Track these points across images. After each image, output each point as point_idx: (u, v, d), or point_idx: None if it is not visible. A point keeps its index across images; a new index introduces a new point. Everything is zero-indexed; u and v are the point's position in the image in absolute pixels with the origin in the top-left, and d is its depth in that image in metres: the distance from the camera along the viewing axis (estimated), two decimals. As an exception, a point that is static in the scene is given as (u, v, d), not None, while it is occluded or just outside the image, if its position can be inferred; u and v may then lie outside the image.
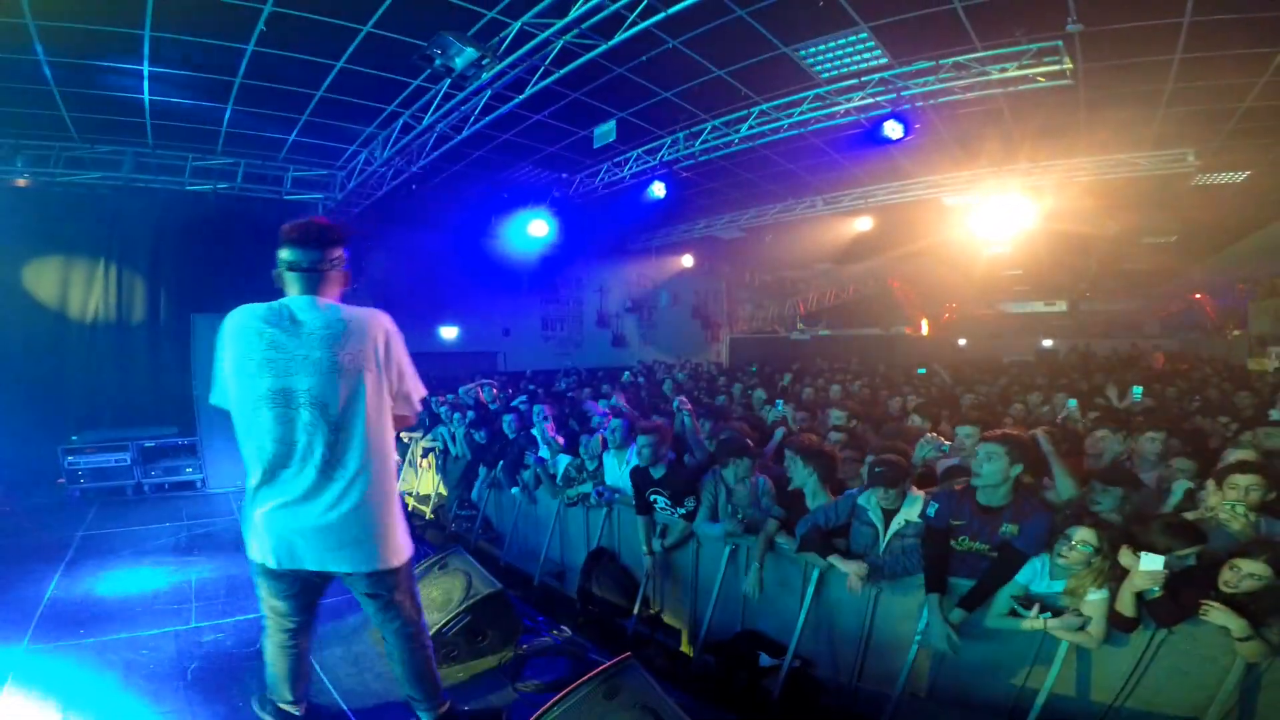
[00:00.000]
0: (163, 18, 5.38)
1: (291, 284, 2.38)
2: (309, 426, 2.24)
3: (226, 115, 7.62)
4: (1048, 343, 16.58)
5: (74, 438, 7.39)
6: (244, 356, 2.25)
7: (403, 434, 8.17)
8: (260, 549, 2.32)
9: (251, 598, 3.16)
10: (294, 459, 2.25)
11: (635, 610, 4.47)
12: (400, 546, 2.45)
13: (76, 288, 8.56)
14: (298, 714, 2.67)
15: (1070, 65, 5.91)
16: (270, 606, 2.49)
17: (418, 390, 2.53)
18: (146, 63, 6.14)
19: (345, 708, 3.09)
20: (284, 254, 2.36)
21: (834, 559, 3.50)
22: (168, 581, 4.50)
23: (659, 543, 4.44)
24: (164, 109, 7.32)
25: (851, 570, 3.40)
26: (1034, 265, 14.09)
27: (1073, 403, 6.78)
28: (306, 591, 2.48)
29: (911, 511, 3.46)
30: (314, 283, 2.37)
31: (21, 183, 8.05)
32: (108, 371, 8.60)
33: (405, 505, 6.09)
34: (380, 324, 2.40)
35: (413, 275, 12.36)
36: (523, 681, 3.29)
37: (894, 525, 3.49)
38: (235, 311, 2.34)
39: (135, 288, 8.91)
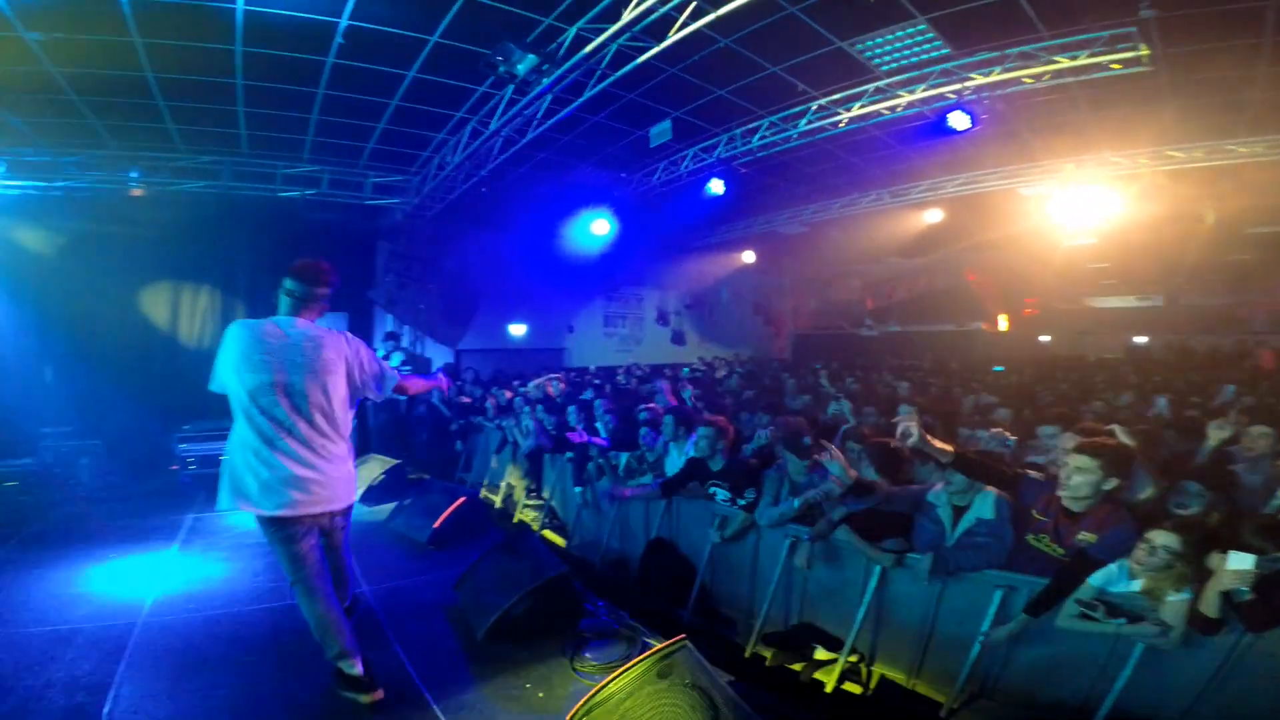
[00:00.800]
0: (252, 35, 5.86)
1: (283, 305, 3.09)
2: (297, 409, 2.95)
3: (312, 125, 8.18)
4: (1140, 339, 15.49)
5: (186, 427, 8.13)
6: (246, 357, 2.92)
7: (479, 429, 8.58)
8: (269, 503, 2.90)
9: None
10: (287, 432, 2.93)
11: (692, 599, 4.56)
12: (355, 491, 3.30)
13: (186, 288, 9.40)
14: (358, 672, 3.04)
15: (1147, 52, 5.55)
16: (289, 555, 3.00)
17: (390, 377, 3.31)
18: (240, 75, 6.67)
19: (414, 675, 3.33)
20: (287, 282, 3.08)
21: (865, 546, 3.52)
22: (266, 562, 4.87)
23: (717, 534, 4.49)
24: (256, 119, 7.92)
25: (884, 562, 3.45)
26: (1124, 257, 13.14)
27: (1163, 400, 6.40)
28: (309, 533, 3.04)
29: (984, 508, 3.40)
30: (299, 307, 3.08)
31: (137, 193, 8.87)
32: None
33: (476, 491, 6.44)
34: (344, 338, 3.17)
35: (483, 274, 12.84)
36: (581, 661, 3.44)
37: (964, 522, 3.43)
38: (236, 324, 3.03)
39: (236, 287, 9.71)
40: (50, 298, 8.39)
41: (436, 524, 5.48)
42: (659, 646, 2.77)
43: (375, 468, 7.19)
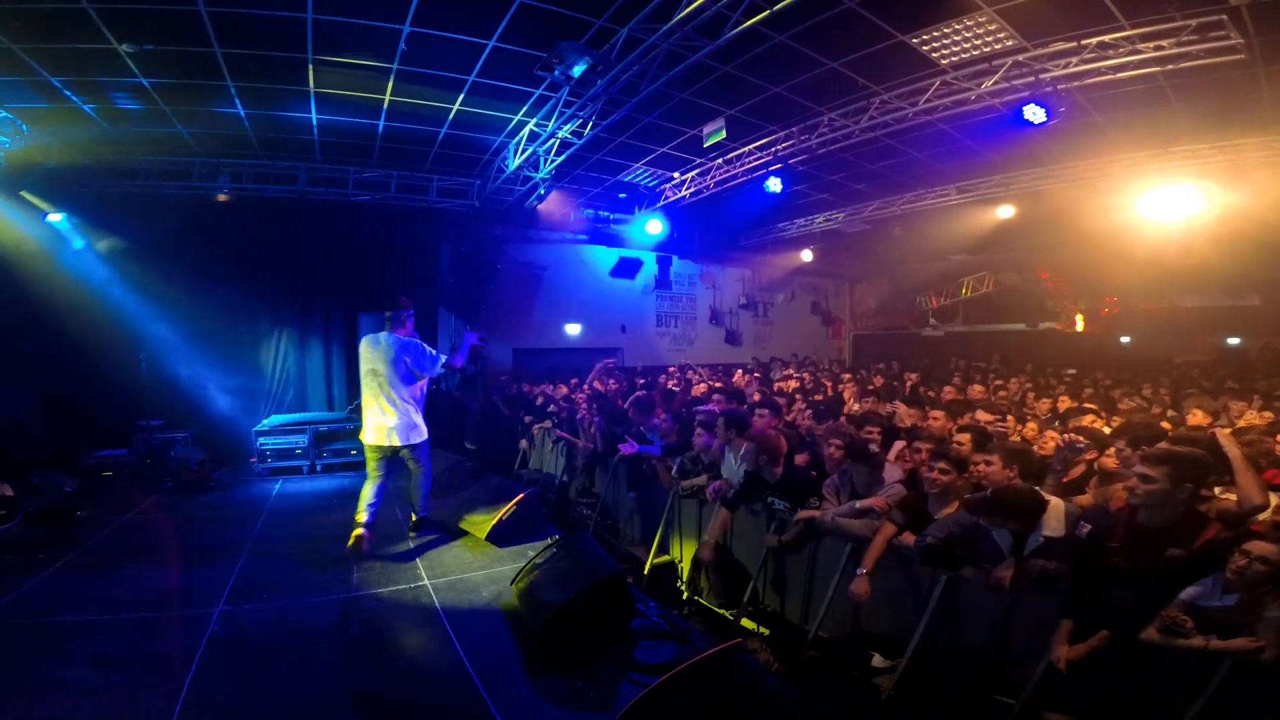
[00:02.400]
0: (320, 43, 6.11)
1: (382, 324, 5.31)
2: (380, 386, 5.17)
3: (379, 130, 8.49)
4: (1234, 340, 14.36)
5: (264, 421, 8.60)
6: (361, 355, 5.28)
7: (535, 427, 8.77)
8: (367, 436, 5.22)
9: (407, 572, 4.87)
10: (375, 397, 5.18)
11: (745, 602, 4.52)
12: (417, 435, 5.28)
13: (267, 287, 9.88)
14: (363, 531, 5.10)
15: (1239, 40, 5.12)
16: (372, 464, 5.29)
17: (431, 362, 5.32)
18: (311, 83, 6.97)
19: (471, 670, 3.42)
20: (385, 312, 5.31)
21: (967, 571, 3.37)
22: (336, 554, 5.09)
23: (774, 537, 4.43)
24: (327, 127, 8.27)
25: (983, 584, 3.27)
26: (1216, 255, 12.20)
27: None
28: (385, 457, 5.29)
29: (1052, 526, 3.23)
30: (389, 325, 5.29)
31: (222, 198, 9.42)
32: (291, 362, 9.91)
33: (534, 488, 6.54)
34: (402, 343, 5.21)
35: (541, 275, 13.06)
36: (632, 662, 3.46)
37: (1030, 543, 3.27)
38: (364, 337, 5.31)
39: (311, 288, 10.13)
40: (146, 296, 8.99)
41: (496, 520, 5.62)
42: (712, 650, 2.76)
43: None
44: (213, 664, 3.45)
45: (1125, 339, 16.09)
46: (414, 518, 5.73)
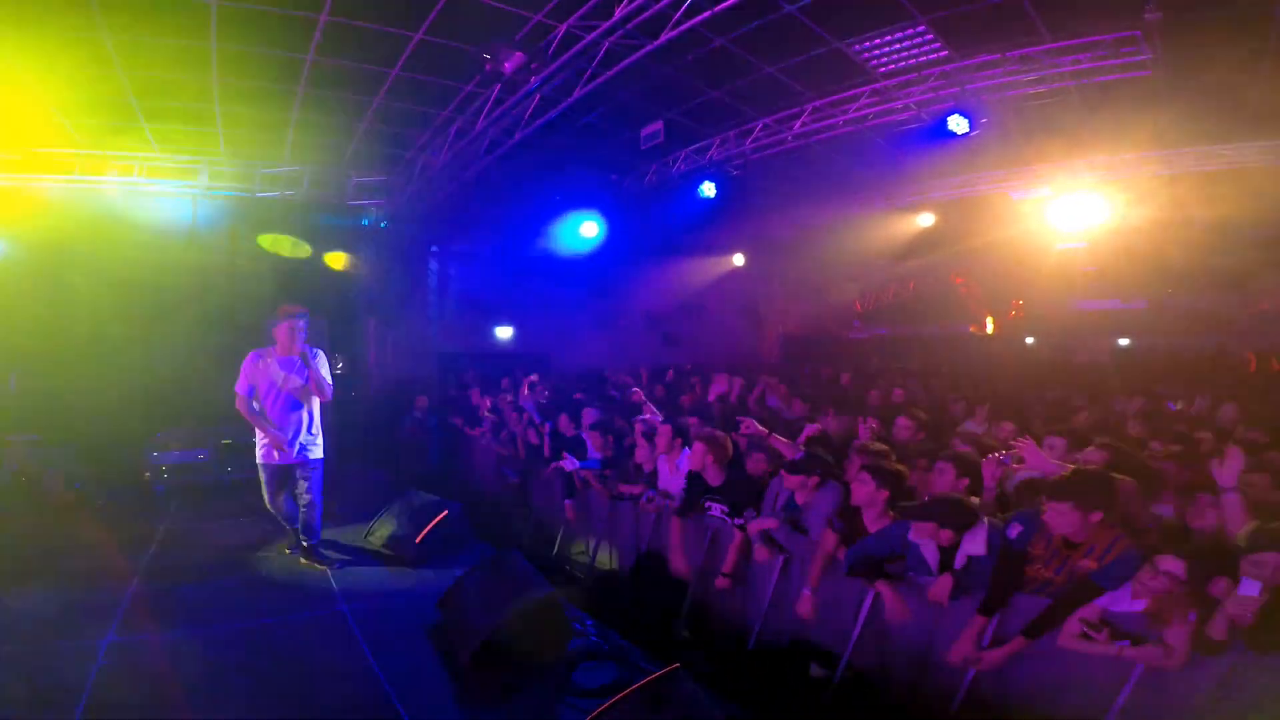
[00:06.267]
0: (227, 29, 5.66)
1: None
2: None
3: (291, 124, 7.96)
4: (1124, 342, 15.62)
5: (159, 435, 7.85)
6: None
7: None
8: None
9: (321, 596, 4.46)
10: None
11: (683, 615, 4.44)
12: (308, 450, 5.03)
13: (164, 291, 9.04)
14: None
15: (1149, 57, 5.51)
16: None
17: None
18: (215, 73, 6.44)
19: (397, 703, 3.17)
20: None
21: (880, 585, 3.38)
22: (242, 579, 4.70)
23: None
24: (233, 118, 7.68)
25: (899, 608, 3.32)
26: (1112, 261, 13.22)
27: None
28: None
29: (975, 544, 3.28)
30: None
31: (112, 192, 8.59)
32: (192, 371, 9.05)
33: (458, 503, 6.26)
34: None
35: (469, 276, 12.64)
36: (571, 686, 3.30)
37: (956, 562, 3.31)
38: None
39: (215, 291, 9.32)
40: (13, 301, 8.06)
41: (419, 538, 5.31)
42: (652, 676, 2.65)
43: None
44: (104, 702, 3.08)
45: (1030, 340, 17.19)
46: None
